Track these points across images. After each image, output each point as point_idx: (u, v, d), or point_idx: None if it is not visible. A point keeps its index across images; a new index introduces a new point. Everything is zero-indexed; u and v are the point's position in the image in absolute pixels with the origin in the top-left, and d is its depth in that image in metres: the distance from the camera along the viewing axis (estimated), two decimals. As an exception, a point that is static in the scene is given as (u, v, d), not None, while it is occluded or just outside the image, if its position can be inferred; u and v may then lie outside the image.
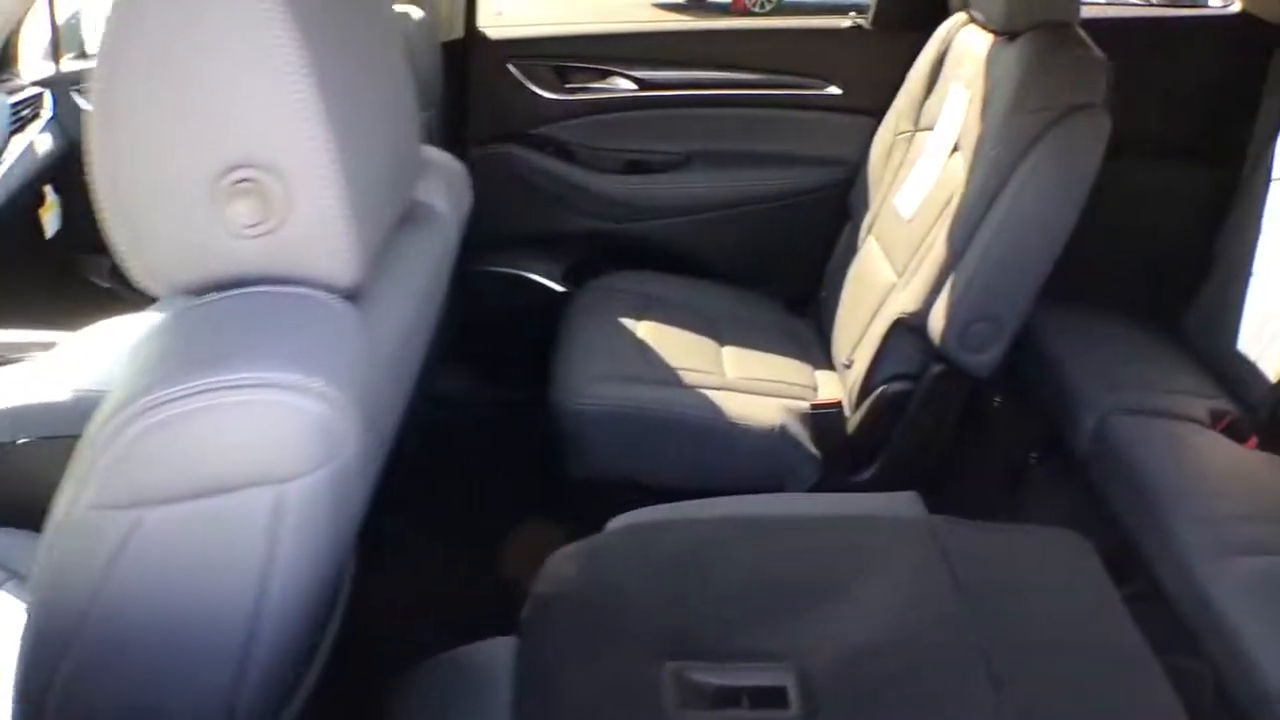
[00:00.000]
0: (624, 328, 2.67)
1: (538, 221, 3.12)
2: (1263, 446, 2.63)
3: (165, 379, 0.89)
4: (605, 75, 3.11)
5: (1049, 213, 2.25)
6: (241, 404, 0.89)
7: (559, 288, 3.09)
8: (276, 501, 0.93)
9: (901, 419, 2.47)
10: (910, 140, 2.75)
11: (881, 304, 2.53)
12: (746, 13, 10.89)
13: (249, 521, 0.93)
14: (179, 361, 0.92)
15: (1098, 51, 2.32)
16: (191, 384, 0.89)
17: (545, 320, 2.79)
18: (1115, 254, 3.08)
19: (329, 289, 1.01)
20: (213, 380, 0.89)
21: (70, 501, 0.91)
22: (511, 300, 3.10)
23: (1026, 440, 2.96)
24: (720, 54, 3.11)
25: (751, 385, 2.54)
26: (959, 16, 2.77)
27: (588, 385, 2.43)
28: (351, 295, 1.04)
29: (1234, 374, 2.85)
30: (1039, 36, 2.36)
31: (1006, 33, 2.47)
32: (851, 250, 2.83)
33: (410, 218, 1.31)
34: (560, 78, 3.09)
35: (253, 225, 0.96)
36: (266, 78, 0.92)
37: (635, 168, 3.10)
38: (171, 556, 0.94)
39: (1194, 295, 3.03)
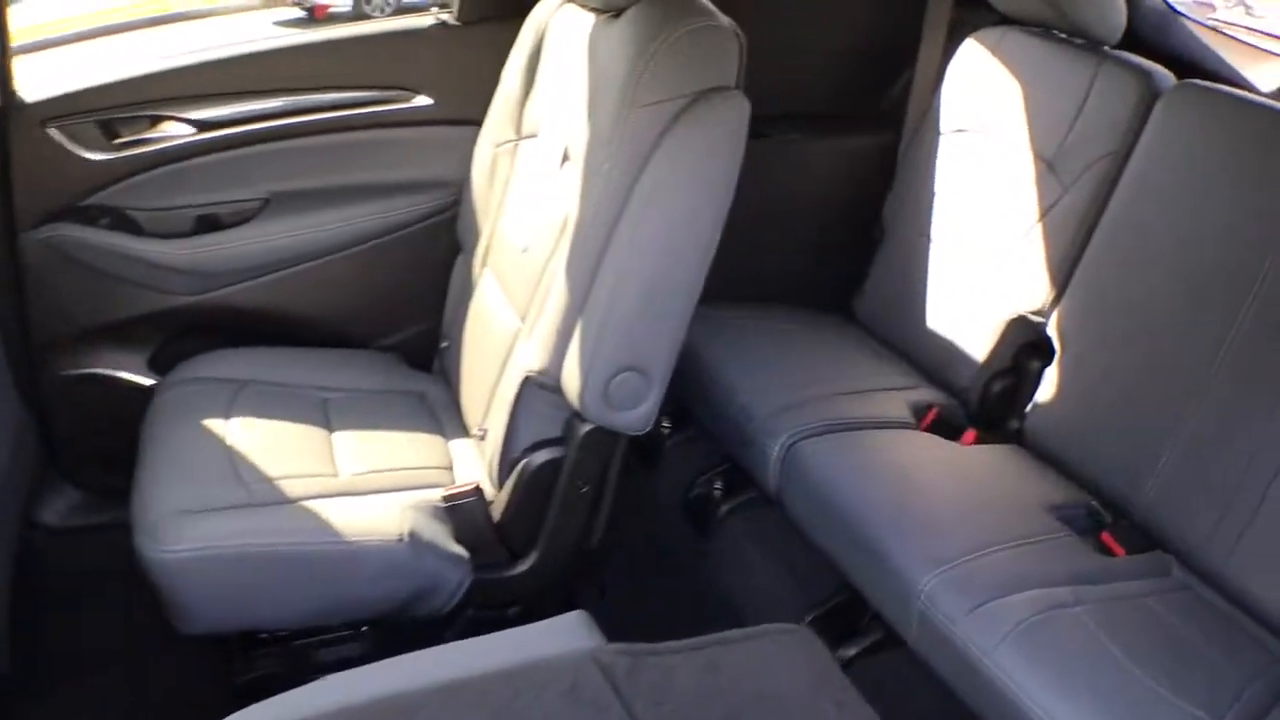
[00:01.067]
0: (209, 433, 2.15)
1: (107, 308, 2.53)
2: (982, 439, 2.42)
3: None
4: (156, 122, 2.53)
5: (686, 229, 1.89)
6: None
7: (146, 381, 2.53)
8: None
9: (555, 492, 2.07)
10: (514, 151, 2.33)
11: (508, 356, 2.12)
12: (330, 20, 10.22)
13: None
14: None
15: (724, 20, 1.93)
16: None
17: (141, 422, 2.28)
18: (778, 240, 2.85)
19: None
20: None
21: None
22: (99, 405, 2.53)
23: (706, 469, 2.69)
24: (288, 76, 2.58)
25: (372, 482, 2.09)
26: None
27: (171, 526, 1.91)
28: None
29: (930, 356, 2.65)
30: (648, 10, 1.95)
31: (609, 9, 2.06)
32: (468, 288, 2.40)
33: None
34: (107, 134, 2.50)
35: None
36: None
37: (205, 225, 2.54)
38: None
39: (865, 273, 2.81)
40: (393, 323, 2.67)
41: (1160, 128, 2.33)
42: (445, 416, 2.34)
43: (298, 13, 9.97)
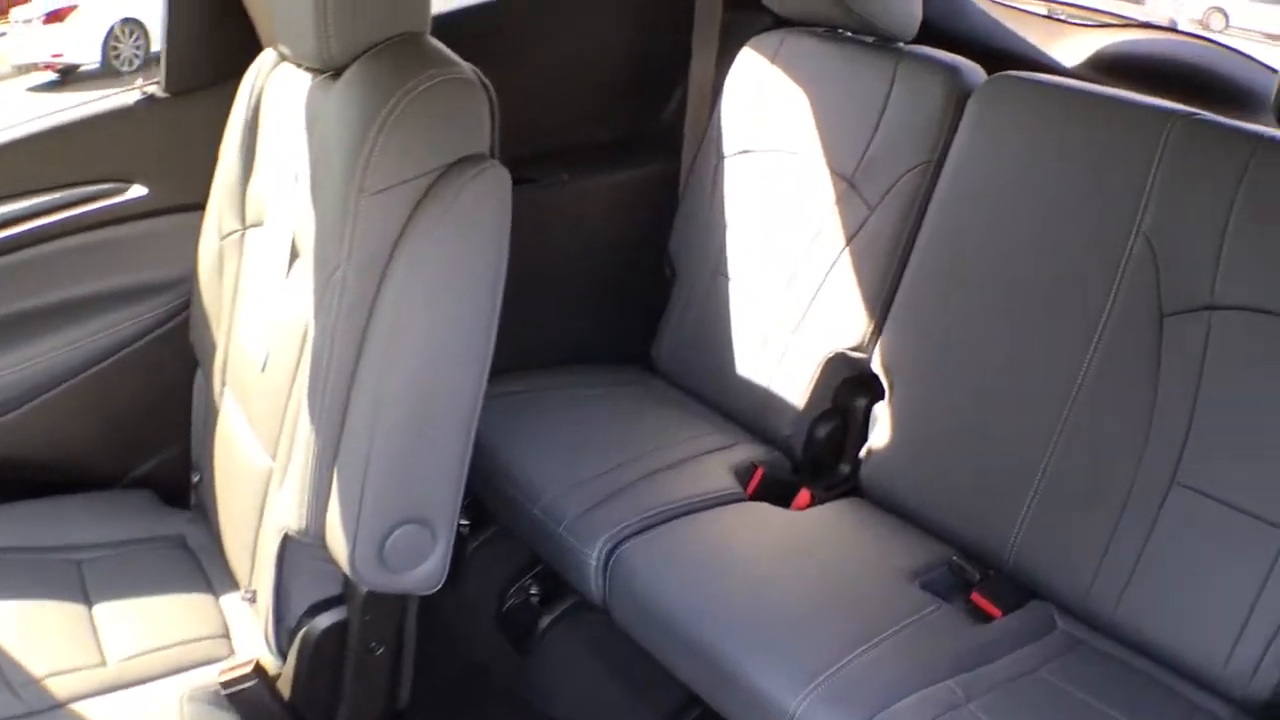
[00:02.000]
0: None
1: None
2: (816, 497, 2.21)
3: None
4: None
5: (451, 337, 1.55)
6: None
7: None
8: None
9: (345, 658, 1.74)
10: (241, 243, 1.96)
11: (264, 505, 1.77)
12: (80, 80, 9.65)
13: None
14: None
15: (465, 68, 1.57)
16: None
17: None
18: (562, 295, 2.59)
19: None
20: None
21: None
22: None
23: (518, 574, 2.40)
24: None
25: (142, 668, 1.74)
26: (268, 54, 1.98)
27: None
28: None
29: (745, 405, 2.41)
30: (371, 67, 1.59)
31: (325, 69, 1.70)
32: (211, 412, 2.03)
33: None
34: None
35: None
36: None
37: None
38: None
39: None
40: (138, 453, 2.29)
41: (973, 130, 2.11)
42: (212, 567, 1.99)
43: (50, 76, 9.46)
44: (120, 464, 2.27)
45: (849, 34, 2.39)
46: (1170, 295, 1.84)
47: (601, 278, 2.68)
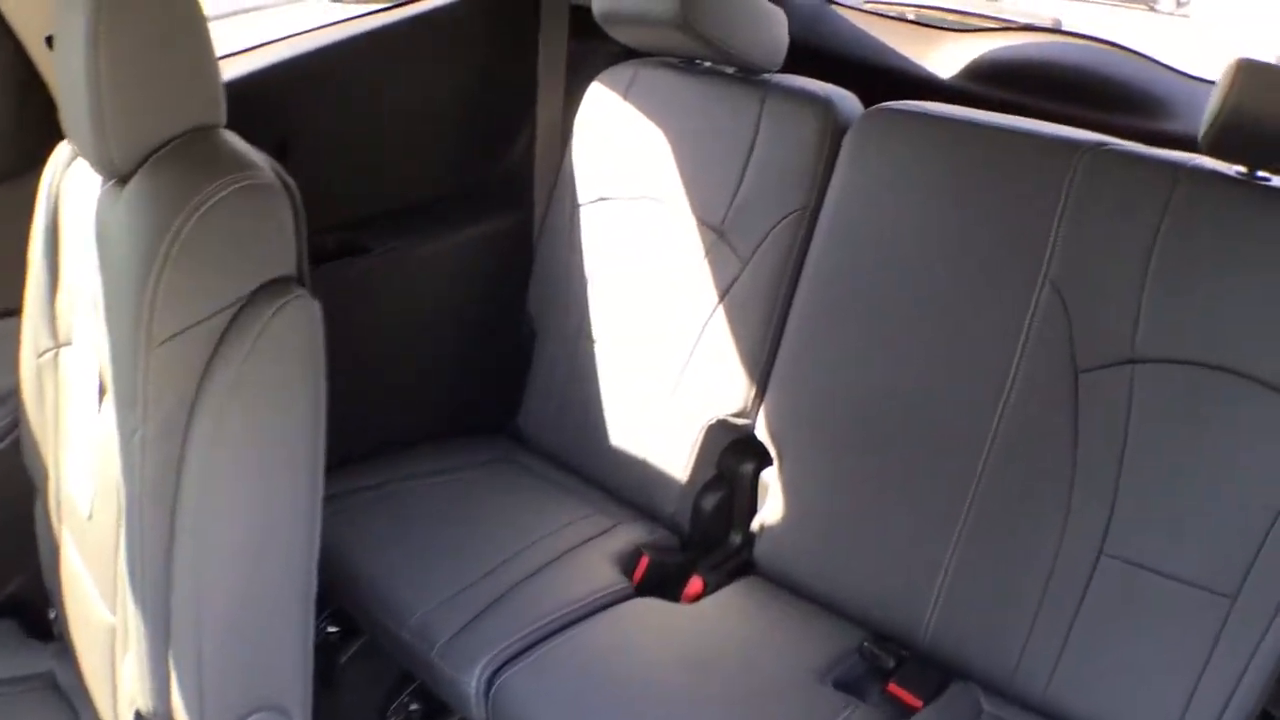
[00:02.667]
0: None
1: None
2: (708, 582, 2.04)
3: None
4: None
5: (270, 493, 1.33)
6: None
7: None
8: None
9: None
10: (55, 361, 1.69)
11: (114, 663, 1.53)
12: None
13: None
14: None
15: (263, 169, 1.32)
16: None
17: None
18: (410, 369, 2.39)
19: None
20: None
21: None
22: None
23: (396, 688, 2.19)
24: None
25: None
26: (64, 147, 1.70)
27: None
28: None
29: (622, 479, 2.24)
30: (157, 174, 1.33)
31: (110, 175, 1.42)
32: (54, 549, 1.79)
33: None
34: None
35: None
36: None
37: None
38: None
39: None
40: None
41: (851, 170, 1.95)
42: (85, 711, 1.74)
43: None
44: None
45: (708, 65, 2.19)
46: (1085, 349, 1.69)
47: (455, 345, 2.46)
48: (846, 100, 2.03)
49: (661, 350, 2.16)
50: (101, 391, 1.46)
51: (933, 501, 1.80)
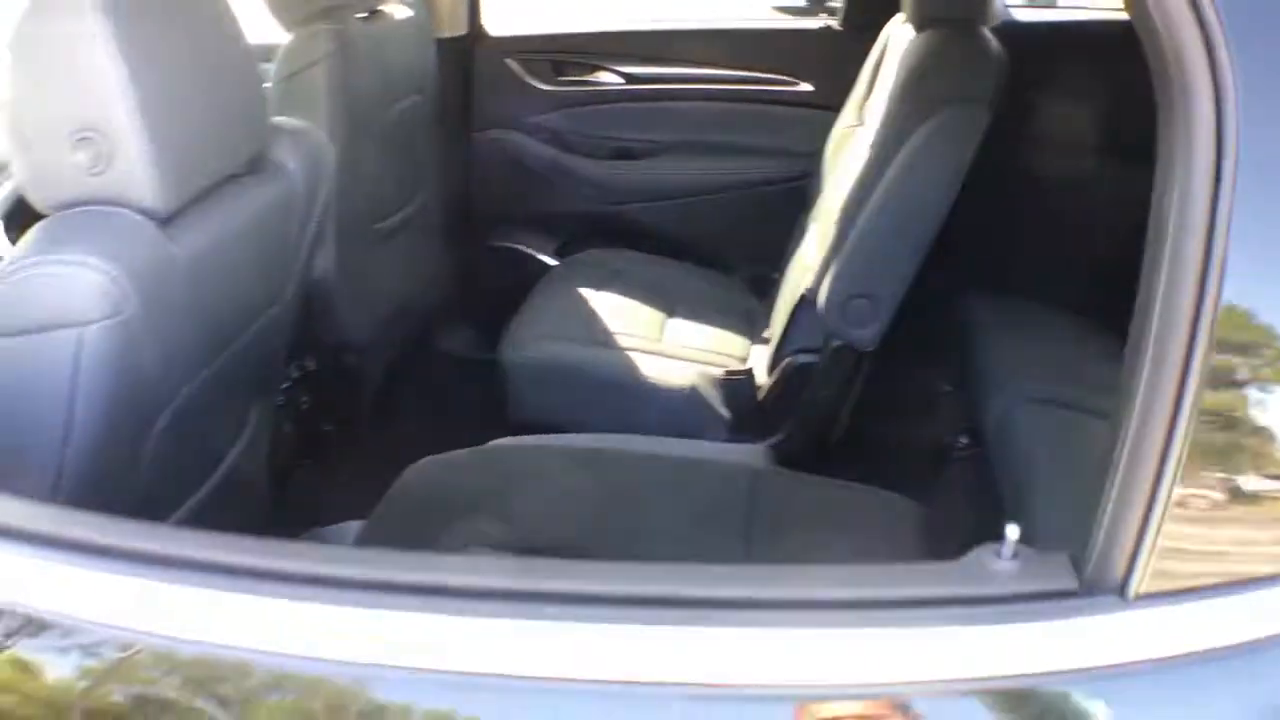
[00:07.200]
0: (582, 297, 2.89)
1: (533, 202, 3.41)
2: None
3: (19, 255, 1.41)
4: (595, 70, 3.41)
5: (918, 199, 2.33)
6: (53, 273, 1.40)
7: (551, 261, 3.35)
8: (78, 341, 1.39)
9: (806, 389, 2.60)
10: (854, 134, 2.88)
11: (800, 283, 2.68)
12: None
13: (58, 356, 1.40)
14: (29, 246, 1.44)
15: (995, 49, 2.36)
16: (31, 259, 1.40)
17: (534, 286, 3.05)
18: (1069, 253, 3.09)
19: (142, 211, 1.48)
20: (40, 258, 1.41)
21: None
22: (508, 272, 3.36)
23: (960, 426, 2.90)
24: (699, 52, 3.38)
25: (679, 352, 2.73)
26: (901, 14, 2.88)
27: (530, 342, 2.70)
28: (166, 217, 1.50)
29: None
30: (937, 32, 2.45)
31: (918, 27, 2.58)
32: (800, 237, 2.97)
33: (256, 169, 1.74)
34: (555, 72, 3.40)
35: (92, 168, 1.45)
36: (89, 71, 1.41)
37: (620, 154, 3.39)
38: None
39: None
40: (743, 256, 3.35)
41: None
42: (759, 327, 2.92)
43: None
44: (723, 257, 3.38)
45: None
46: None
47: (1095, 253, 3.10)
48: None
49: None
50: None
51: None
